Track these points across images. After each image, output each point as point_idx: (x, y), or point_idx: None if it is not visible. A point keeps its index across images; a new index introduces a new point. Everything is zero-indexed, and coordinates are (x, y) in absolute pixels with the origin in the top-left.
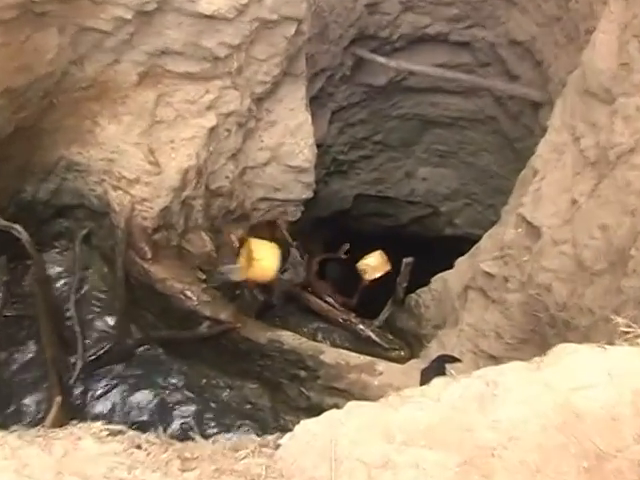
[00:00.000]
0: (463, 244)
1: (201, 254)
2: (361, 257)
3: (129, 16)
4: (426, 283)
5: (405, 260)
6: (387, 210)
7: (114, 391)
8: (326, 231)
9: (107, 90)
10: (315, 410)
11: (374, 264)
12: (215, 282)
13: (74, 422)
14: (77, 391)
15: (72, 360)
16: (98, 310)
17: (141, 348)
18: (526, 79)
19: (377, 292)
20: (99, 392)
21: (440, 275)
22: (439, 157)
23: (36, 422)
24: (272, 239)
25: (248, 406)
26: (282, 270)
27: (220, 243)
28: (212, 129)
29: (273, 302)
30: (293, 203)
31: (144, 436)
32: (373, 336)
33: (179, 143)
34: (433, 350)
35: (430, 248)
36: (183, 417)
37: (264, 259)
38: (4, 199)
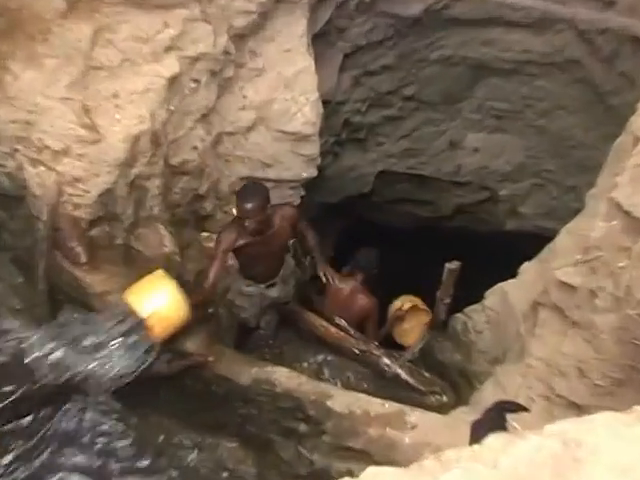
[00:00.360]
0: (530, 243)
1: (158, 257)
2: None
3: None
4: (478, 299)
5: (448, 266)
6: (422, 195)
7: (27, 461)
8: (336, 224)
9: (22, 22)
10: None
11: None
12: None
13: None
14: None
15: None
16: None
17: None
18: (625, 4)
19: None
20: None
21: (498, 287)
22: (496, 118)
23: None
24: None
25: (225, 474)
26: (268, 284)
27: (187, 241)
28: (173, 79)
29: (260, 326)
30: (289, 185)
31: None
32: (403, 374)
33: (126, 99)
34: (488, 394)
35: (484, 249)
36: None
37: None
38: None
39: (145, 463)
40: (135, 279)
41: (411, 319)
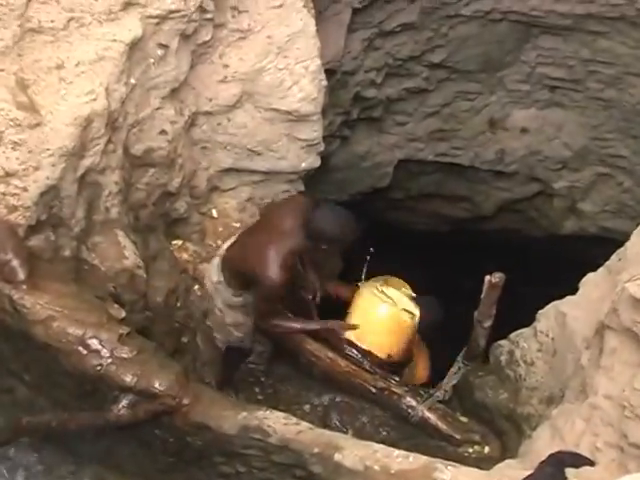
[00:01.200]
0: (594, 249)
1: (117, 272)
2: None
3: None
4: (528, 321)
5: (489, 279)
6: (455, 190)
7: None
8: None
9: None
10: None
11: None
12: None
13: None
14: None
15: None
16: None
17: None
18: None
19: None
20: None
21: (553, 306)
22: (550, 90)
23: None
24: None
25: None
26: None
27: (154, 252)
28: (134, 45)
29: (250, 354)
30: (284, 178)
31: None
32: (433, 418)
33: (73, 70)
34: (543, 443)
35: (534, 257)
36: None
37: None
38: None
39: None
40: (87, 300)
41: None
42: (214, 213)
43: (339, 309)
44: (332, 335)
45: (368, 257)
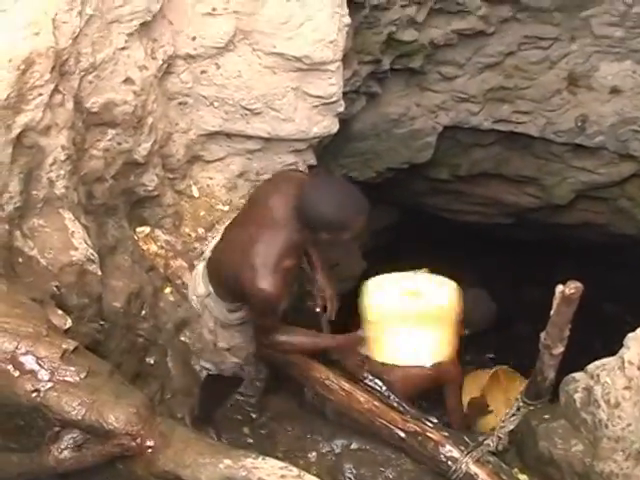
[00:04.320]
0: None
1: (61, 267)
2: None
3: None
4: (613, 348)
5: (562, 289)
6: (520, 169)
7: None
8: (370, 217)
9: None
10: None
11: None
12: None
13: None
14: None
15: None
16: None
17: None
18: None
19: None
20: None
21: None
22: None
23: None
24: None
25: None
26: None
27: (113, 242)
28: None
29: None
30: (289, 147)
31: None
32: (482, 475)
33: None
34: None
35: (623, 262)
36: None
37: None
38: None
39: None
40: (21, 304)
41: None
42: (194, 191)
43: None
44: (351, 357)
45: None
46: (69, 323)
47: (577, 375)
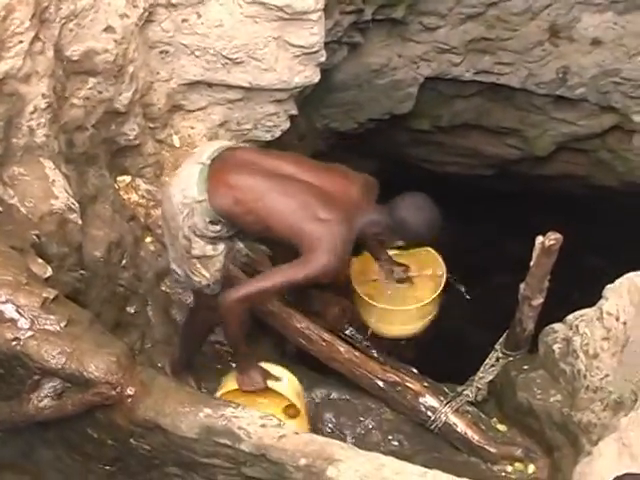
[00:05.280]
0: None
1: (42, 216)
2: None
3: None
4: (591, 299)
5: (541, 240)
6: (501, 120)
7: None
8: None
9: None
10: None
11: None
12: None
13: None
14: None
15: None
16: None
17: None
18: None
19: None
20: None
21: (627, 279)
22: None
23: None
24: None
25: None
26: None
27: (93, 191)
28: None
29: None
30: (270, 97)
31: None
32: (461, 425)
33: None
34: (607, 462)
35: (603, 214)
36: None
37: None
38: None
39: None
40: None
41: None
42: (175, 141)
43: None
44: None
45: None
46: (49, 272)
47: (556, 326)
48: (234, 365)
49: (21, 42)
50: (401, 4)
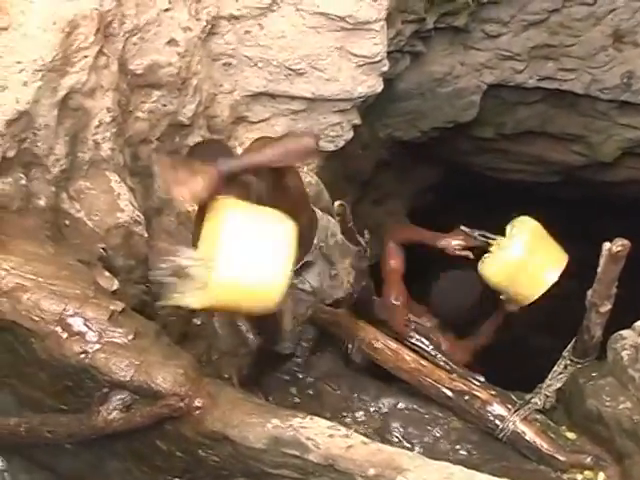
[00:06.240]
0: None
1: (108, 229)
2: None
3: None
4: None
5: (609, 247)
6: (566, 127)
7: None
8: (415, 177)
9: None
10: None
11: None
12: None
13: None
14: None
15: None
16: None
17: None
18: None
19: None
20: None
21: None
22: None
23: None
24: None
25: None
26: (299, 268)
27: (158, 203)
28: None
29: (283, 349)
30: (333, 107)
31: None
32: (529, 433)
33: None
34: None
35: None
36: None
37: None
38: None
39: None
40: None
41: None
42: (239, 152)
43: None
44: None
45: None
46: (116, 285)
47: (624, 332)
48: None
49: (86, 57)
50: (463, 12)
